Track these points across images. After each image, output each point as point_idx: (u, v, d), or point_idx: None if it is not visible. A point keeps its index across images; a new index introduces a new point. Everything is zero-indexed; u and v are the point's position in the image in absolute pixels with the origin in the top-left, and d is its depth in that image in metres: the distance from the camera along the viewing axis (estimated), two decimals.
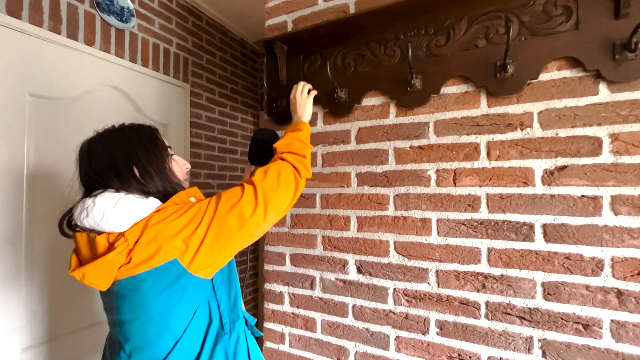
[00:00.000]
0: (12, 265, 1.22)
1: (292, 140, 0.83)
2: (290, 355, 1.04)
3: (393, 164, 0.91)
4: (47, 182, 1.32)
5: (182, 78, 1.94)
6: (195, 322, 0.67)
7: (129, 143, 0.71)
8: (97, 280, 0.63)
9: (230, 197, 0.68)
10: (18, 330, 1.23)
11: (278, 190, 0.71)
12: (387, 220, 0.91)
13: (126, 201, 0.63)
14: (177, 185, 0.73)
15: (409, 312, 0.88)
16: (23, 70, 1.25)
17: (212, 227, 0.64)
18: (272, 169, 0.74)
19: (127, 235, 0.61)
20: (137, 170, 0.68)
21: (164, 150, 0.74)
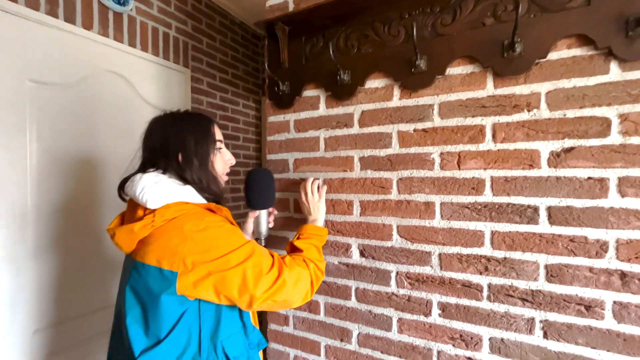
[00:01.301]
0: (22, 250, 1.24)
1: (314, 249, 0.84)
2: (294, 336, 1.06)
3: (396, 148, 0.90)
4: (51, 167, 1.33)
5: (182, 63, 1.92)
6: (172, 338, 0.67)
7: (182, 130, 0.75)
8: (122, 243, 0.70)
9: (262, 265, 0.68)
10: (29, 312, 1.27)
11: (291, 293, 0.71)
12: (390, 204, 0.91)
13: (163, 183, 0.69)
14: (212, 179, 0.76)
15: (411, 294, 0.88)
16: (21, 56, 1.24)
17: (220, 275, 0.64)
18: (303, 273, 0.74)
19: (156, 213, 0.66)
20: (181, 157, 0.73)
21: (212, 144, 0.77)
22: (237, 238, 0.69)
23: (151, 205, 0.67)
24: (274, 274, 0.69)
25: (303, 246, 0.82)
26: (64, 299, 1.38)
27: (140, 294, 0.68)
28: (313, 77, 1.00)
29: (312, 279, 0.76)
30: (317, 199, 0.93)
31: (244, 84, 2.42)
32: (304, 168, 1.04)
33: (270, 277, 0.68)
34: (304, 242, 0.84)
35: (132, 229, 0.67)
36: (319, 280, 0.79)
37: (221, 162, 0.81)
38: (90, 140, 1.46)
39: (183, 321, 0.67)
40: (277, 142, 1.09)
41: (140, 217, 0.69)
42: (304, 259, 0.78)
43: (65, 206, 1.38)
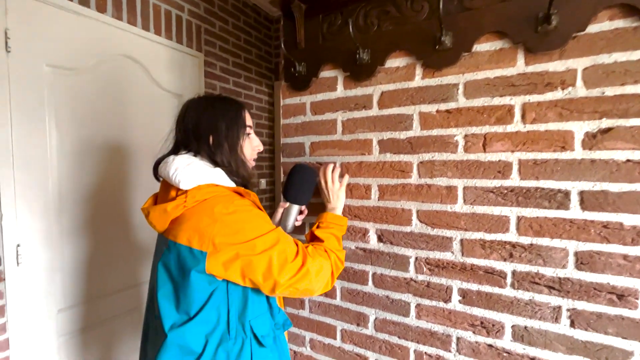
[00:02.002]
0: (48, 232, 1.27)
1: (334, 239, 0.84)
2: (310, 320, 1.07)
3: (418, 130, 0.86)
4: (69, 150, 1.34)
5: (195, 47, 1.90)
6: (202, 316, 0.69)
7: (214, 114, 0.77)
8: (155, 222, 0.73)
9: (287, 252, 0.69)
10: (54, 292, 1.31)
11: (313, 282, 0.72)
12: (410, 189, 0.88)
13: (195, 165, 0.71)
14: (241, 163, 0.79)
15: (430, 280, 0.87)
16: (39, 40, 1.24)
17: (247, 258, 0.66)
18: (325, 264, 0.75)
19: (188, 194, 0.69)
20: (212, 140, 0.76)
21: (242, 128, 0.79)
22: (265, 224, 0.70)
23: (184, 186, 0.69)
24: (298, 262, 0.70)
25: (324, 236, 0.83)
26: (92, 278, 1.42)
27: (172, 271, 0.71)
28: (330, 57, 0.97)
29: (333, 269, 0.77)
30: (337, 187, 0.90)
31: (257, 68, 2.39)
32: (320, 152, 1.02)
33: (294, 266, 0.69)
34: (325, 232, 0.84)
35: (165, 209, 0.70)
36: (339, 270, 0.79)
37: (249, 147, 0.82)
38: (106, 125, 1.47)
39: (212, 300, 0.70)
40: (293, 125, 1.07)
41: (173, 197, 0.72)
42: (325, 249, 0.79)
43: (88, 188, 1.40)
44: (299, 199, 0.91)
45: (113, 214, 1.51)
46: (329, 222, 0.86)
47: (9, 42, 1.16)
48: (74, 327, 1.37)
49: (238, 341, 0.71)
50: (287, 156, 1.09)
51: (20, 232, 1.20)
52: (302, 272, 0.69)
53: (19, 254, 1.19)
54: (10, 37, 1.16)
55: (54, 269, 1.30)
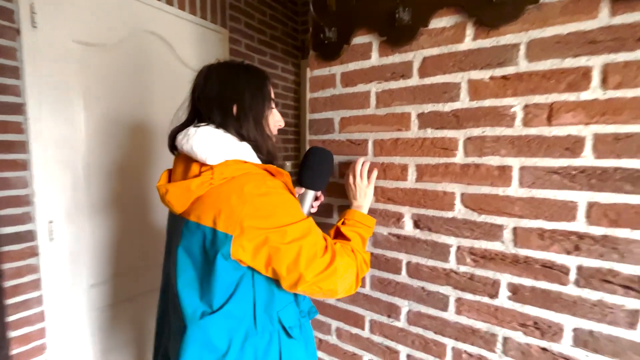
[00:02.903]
0: (78, 209, 1.29)
1: (360, 240, 0.76)
2: (337, 308, 1.00)
3: (466, 101, 0.75)
4: (96, 127, 1.34)
5: (219, 22, 1.83)
6: (226, 310, 0.63)
7: (239, 81, 0.70)
8: (175, 201, 0.65)
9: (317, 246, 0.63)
10: (86, 267, 1.34)
11: (338, 283, 0.65)
12: (454, 169, 0.77)
13: (223, 138, 0.65)
14: (267, 138, 0.73)
15: (474, 272, 0.77)
16: (66, 16, 1.22)
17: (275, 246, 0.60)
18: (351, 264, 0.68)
19: (215, 171, 0.62)
20: (236, 109, 0.68)
21: (267, 100, 0.73)
22: (297, 211, 0.64)
23: (211, 161, 0.62)
24: (327, 259, 0.63)
25: (350, 234, 0.76)
26: (118, 255, 1.44)
27: (195, 257, 0.64)
28: (365, 20, 0.86)
29: (358, 272, 0.70)
30: (365, 184, 0.83)
31: (283, 46, 2.29)
32: (350, 128, 0.93)
33: (323, 262, 0.63)
34: (351, 230, 0.76)
35: (189, 187, 0.63)
36: (363, 274, 0.72)
37: (272, 122, 0.76)
38: (131, 101, 1.45)
39: (238, 291, 0.64)
40: (321, 100, 0.98)
41: (196, 174, 0.64)
42: (352, 249, 0.71)
43: (115, 165, 1.40)
44: (316, 184, 0.83)
45: (139, 190, 1.51)
46: (355, 221, 0.78)
47: (35, 18, 1.14)
48: (105, 303, 1.41)
49: (265, 335, 0.66)
50: (314, 133, 1.01)
51: (52, 208, 1.21)
52: (330, 270, 0.63)
53: (52, 230, 1.22)
54: (36, 12, 1.14)
55: (84, 244, 1.32)
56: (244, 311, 0.65)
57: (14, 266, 1.12)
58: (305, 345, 0.75)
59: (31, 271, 1.17)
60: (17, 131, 1.11)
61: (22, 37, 1.11)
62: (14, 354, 1.14)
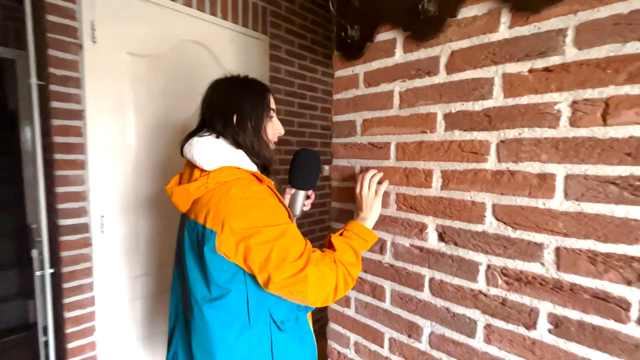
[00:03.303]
0: (127, 206, 1.41)
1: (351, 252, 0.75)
2: (355, 321, 0.95)
3: (500, 98, 0.65)
4: (146, 132, 1.46)
5: (260, 29, 1.88)
6: (222, 303, 0.70)
7: (240, 94, 0.79)
8: (179, 202, 0.76)
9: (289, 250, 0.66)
10: (132, 260, 1.46)
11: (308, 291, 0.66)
12: (485, 176, 0.68)
13: (219, 147, 0.74)
14: (264, 144, 0.80)
15: (507, 297, 0.66)
16: (120, 30, 1.35)
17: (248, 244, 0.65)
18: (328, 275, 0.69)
19: (210, 176, 0.70)
20: (236, 119, 0.76)
21: (266, 110, 0.80)
22: (276, 215, 0.69)
23: (207, 167, 0.71)
24: (298, 265, 0.66)
25: (339, 245, 0.75)
26: (161, 249, 1.55)
27: (194, 250, 0.73)
28: (388, 15, 0.80)
29: (338, 284, 0.70)
30: (372, 196, 0.81)
31: (323, 49, 2.29)
32: (373, 130, 0.87)
33: (293, 267, 0.65)
34: (343, 242, 0.76)
35: (188, 190, 0.73)
36: (347, 287, 0.72)
37: (272, 130, 0.83)
38: (176, 107, 1.55)
39: (232, 287, 0.70)
40: (344, 101, 0.94)
41: (196, 178, 0.73)
42: (335, 260, 0.72)
43: (160, 166, 1.51)
44: (304, 185, 0.89)
45: None
46: (352, 233, 0.78)
47: (95, 34, 1.28)
48: (147, 292, 1.52)
49: (258, 328, 0.71)
50: (337, 136, 0.97)
51: (104, 204, 1.35)
52: (300, 277, 0.65)
53: (103, 223, 1.35)
54: (96, 28, 1.28)
55: (131, 238, 1.44)
56: (238, 305, 0.70)
57: (70, 254, 1.26)
58: (301, 339, 0.79)
59: (85, 260, 1.30)
60: (77, 134, 1.26)
61: (83, 51, 1.25)
62: (68, 332, 1.28)
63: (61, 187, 1.23)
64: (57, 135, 1.22)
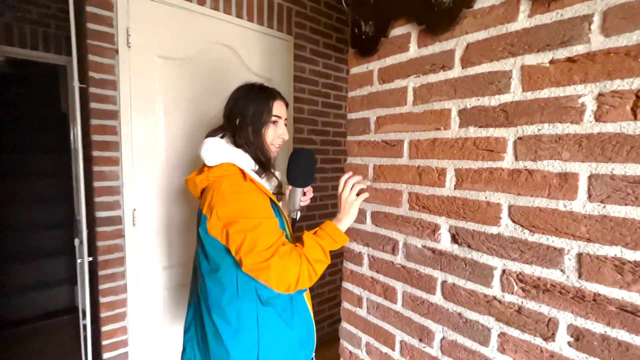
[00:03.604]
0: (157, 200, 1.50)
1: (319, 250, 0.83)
2: (367, 321, 0.93)
3: (517, 92, 0.61)
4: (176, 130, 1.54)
5: (285, 30, 1.91)
6: (217, 277, 0.85)
7: (247, 99, 0.91)
8: (191, 190, 0.94)
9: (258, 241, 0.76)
10: (161, 252, 1.55)
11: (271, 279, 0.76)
12: (501, 175, 0.64)
13: (220, 146, 0.88)
14: (261, 146, 0.90)
15: (523, 304, 0.62)
16: (152, 34, 1.43)
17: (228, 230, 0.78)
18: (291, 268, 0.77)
19: (211, 170, 0.86)
20: (238, 122, 0.89)
21: (267, 116, 0.90)
22: (254, 209, 0.79)
23: (209, 163, 0.86)
24: (265, 255, 0.75)
25: (308, 242, 0.83)
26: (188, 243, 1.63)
27: (199, 232, 0.87)
28: (403, 9, 0.78)
29: (301, 277, 0.78)
30: (352, 199, 0.87)
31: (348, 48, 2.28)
32: (386, 127, 0.85)
33: (259, 256, 0.75)
34: (313, 239, 0.83)
35: (195, 181, 0.89)
36: (311, 279, 0.81)
37: (272, 134, 0.92)
38: (203, 107, 1.62)
39: (224, 264, 0.84)
40: (358, 98, 0.93)
41: (203, 172, 0.88)
42: (300, 255, 0.80)
43: (189, 164, 1.59)
44: (299, 182, 0.95)
45: None
46: (324, 232, 0.85)
47: (130, 39, 1.37)
48: (175, 283, 1.60)
49: (245, 300, 0.85)
50: (351, 134, 0.96)
51: (136, 198, 1.44)
52: (263, 265, 0.75)
53: (135, 216, 1.44)
54: (130, 34, 1.38)
55: (160, 231, 1.53)
56: (229, 278, 0.84)
57: (105, 244, 1.36)
58: (292, 316, 0.90)
59: (118, 250, 1.40)
60: (112, 133, 1.36)
61: (119, 56, 1.35)
62: (103, 316, 1.38)
63: (98, 181, 1.33)
64: (95, 134, 1.32)
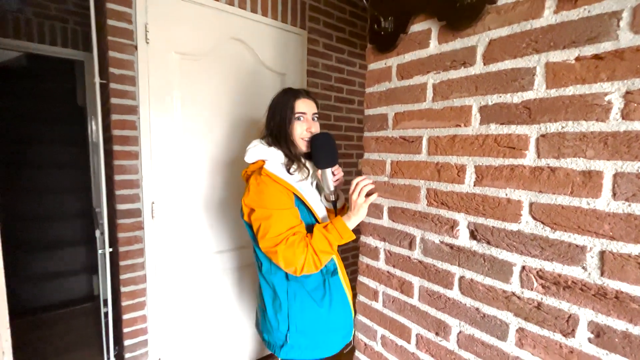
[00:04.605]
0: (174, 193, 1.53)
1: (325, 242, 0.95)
2: (383, 314, 0.95)
3: (541, 89, 0.61)
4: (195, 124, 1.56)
5: (299, 24, 1.91)
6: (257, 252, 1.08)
7: (274, 103, 1.08)
8: (244, 180, 1.10)
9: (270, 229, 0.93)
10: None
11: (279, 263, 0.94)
12: (523, 172, 0.64)
13: (255, 145, 1.06)
14: (288, 140, 1.04)
15: (543, 300, 0.62)
16: (169, 30, 1.45)
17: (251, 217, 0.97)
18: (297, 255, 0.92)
19: (250, 166, 1.08)
20: (270, 124, 1.07)
21: (291, 113, 1.03)
22: (269, 201, 0.94)
23: (247, 160, 1.06)
24: (274, 241, 0.92)
25: (317, 234, 0.95)
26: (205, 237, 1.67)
27: None
28: (423, 5, 0.78)
29: (306, 264, 0.92)
30: (362, 200, 0.94)
31: (362, 42, 2.26)
32: (404, 124, 0.86)
33: (270, 241, 0.92)
34: (321, 232, 0.95)
35: (242, 175, 1.11)
36: (316, 267, 0.94)
37: (300, 128, 1.05)
38: (219, 102, 1.64)
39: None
40: (376, 94, 0.93)
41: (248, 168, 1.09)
42: (307, 245, 0.93)
43: (205, 159, 1.61)
44: (322, 163, 1.03)
45: (223, 180, 1.71)
46: (333, 227, 0.96)
47: (148, 35, 1.39)
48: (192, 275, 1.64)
49: (278, 274, 1.04)
50: (369, 130, 0.97)
51: (155, 191, 1.48)
52: (272, 250, 0.93)
53: (153, 209, 1.48)
54: (149, 30, 1.40)
55: (177, 224, 1.57)
56: (263, 255, 1.03)
57: (125, 236, 1.41)
58: (323, 296, 1.04)
59: (138, 241, 1.44)
60: (132, 128, 1.39)
61: (138, 52, 1.37)
62: (124, 305, 1.43)
63: (119, 175, 1.37)
64: (115, 129, 1.35)
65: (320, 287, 1.03)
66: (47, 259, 2.71)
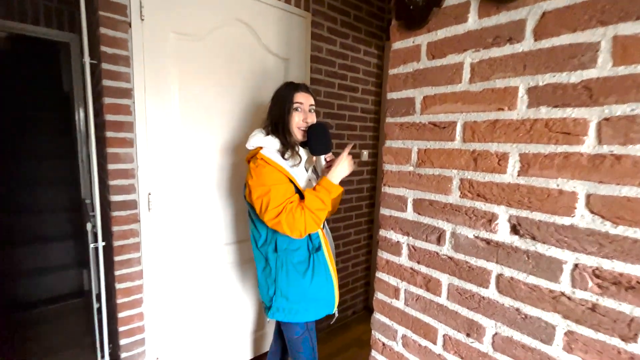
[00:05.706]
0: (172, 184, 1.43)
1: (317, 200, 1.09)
2: (404, 313, 0.89)
3: (607, 67, 0.54)
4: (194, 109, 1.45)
5: (303, 6, 1.81)
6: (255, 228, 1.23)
7: (275, 95, 1.22)
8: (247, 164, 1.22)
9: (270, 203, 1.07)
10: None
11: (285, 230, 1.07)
12: (579, 161, 0.57)
13: (255, 133, 1.20)
14: (285, 129, 1.16)
15: (599, 302, 0.57)
16: (166, 10, 1.33)
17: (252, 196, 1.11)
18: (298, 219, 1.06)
19: (250, 152, 1.20)
20: (270, 112, 1.21)
21: (290, 104, 1.16)
22: (265, 179, 1.07)
23: (248, 146, 1.19)
24: (276, 212, 1.05)
25: (308, 197, 1.08)
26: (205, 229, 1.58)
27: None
28: None
29: (307, 224, 1.06)
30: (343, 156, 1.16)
31: (367, 27, 2.17)
32: (435, 108, 0.78)
33: (272, 213, 1.05)
34: (311, 193, 1.09)
35: (246, 158, 1.22)
36: (317, 224, 1.10)
37: (297, 118, 1.17)
38: (220, 85, 1.54)
39: (256, 220, 1.20)
40: (402, 76, 0.85)
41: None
42: (303, 207, 1.06)
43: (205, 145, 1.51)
44: (319, 150, 1.18)
45: (225, 168, 1.61)
46: (320, 186, 1.11)
47: (143, 11, 1.28)
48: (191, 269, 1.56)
49: (270, 247, 1.19)
50: (392, 115, 0.89)
51: (151, 182, 1.38)
52: (276, 221, 1.06)
53: (150, 200, 1.38)
54: (144, 5, 1.28)
55: (175, 217, 1.47)
56: (262, 230, 1.19)
57: (120, 229, 1.31)
58: (306, 270, 1.17)
59: (133, 235, 1.35)
60: (126, 113, 1.28)
61: (132, 29, 1.25)
62: (119, 303, 1.34)
63: (112, 164, 1.26)
64: (108, 114, 1.24)
65: (305, 262, 1.17)
66: (33, 254, 2.58)
